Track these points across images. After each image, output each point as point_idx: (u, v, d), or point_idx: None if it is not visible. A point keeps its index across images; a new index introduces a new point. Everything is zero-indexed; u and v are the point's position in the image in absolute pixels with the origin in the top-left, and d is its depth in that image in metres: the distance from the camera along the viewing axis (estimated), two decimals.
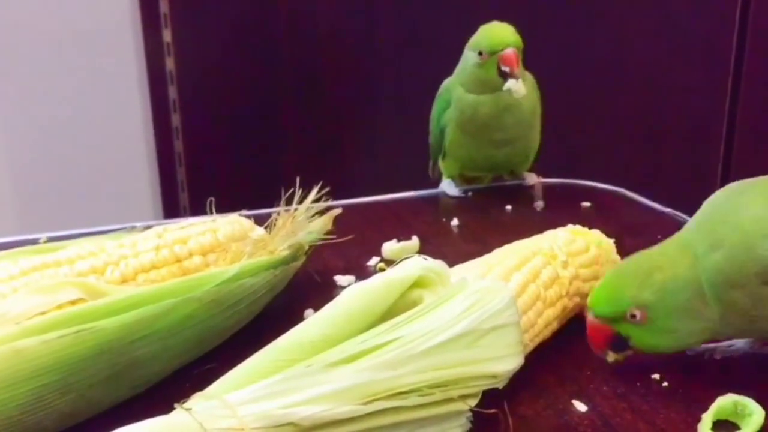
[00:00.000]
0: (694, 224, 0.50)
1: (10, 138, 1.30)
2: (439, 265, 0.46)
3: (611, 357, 0.50)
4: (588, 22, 1.31)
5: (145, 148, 1.35)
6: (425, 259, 0.46)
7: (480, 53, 0.81)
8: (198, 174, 1.34)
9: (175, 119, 1.32)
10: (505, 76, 0.80)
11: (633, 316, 0.47)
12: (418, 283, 0.45)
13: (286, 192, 0.61)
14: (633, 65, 1.30)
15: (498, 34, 0.80)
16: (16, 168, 1.32)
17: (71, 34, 1.28)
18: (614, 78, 1.32)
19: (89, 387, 0.44)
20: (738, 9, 1.16)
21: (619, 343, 0.49)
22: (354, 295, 0.44)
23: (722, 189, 0.51)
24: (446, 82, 0.87)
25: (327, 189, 0.64)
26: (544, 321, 0.51)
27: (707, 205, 0.50)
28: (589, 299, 0.50)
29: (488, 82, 0.81)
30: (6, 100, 1.29)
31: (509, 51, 0.79)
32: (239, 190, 0.64)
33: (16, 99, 1.30)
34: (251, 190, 0.67)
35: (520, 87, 0.80)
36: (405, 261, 0.46)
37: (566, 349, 0.54)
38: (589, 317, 0.50)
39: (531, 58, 0.85)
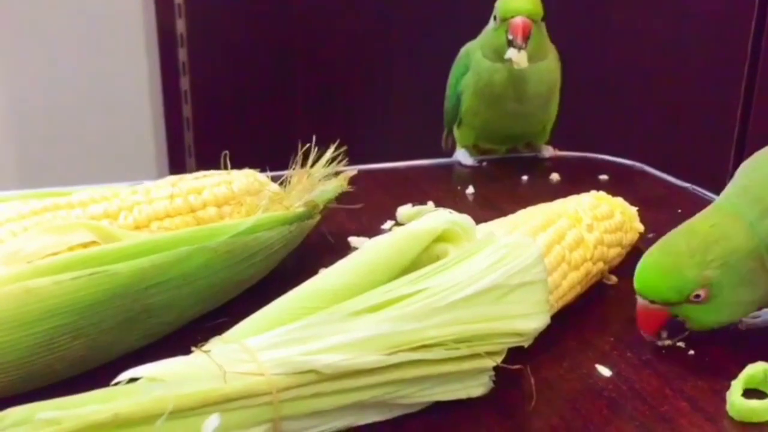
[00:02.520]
0: (736, 192, 0.48)
1: (16, 98, 1.29)
2: (465, 219, 0.44)
3: (667, 341, 0.48)
4: None
5: (152, 111, 1.33)
6: (450, 212, 0.45)
7: (495, 17, 0.79)
8: (206, 139, 1.32)
9: (184, 82, 1.30)
10: (510, 44, 0.77)
11: (697, 296, 0.45)
12: (442, 237, 0.44)
13: (297, 155, 0.60)
14: (651, 39, 1.29)
15: (512, 0, 0.78)
16: (22, 128, 1.30)
17: None
18: (632, 52, 1.30)
19: (101, 332, 0.43)
20: None
21: (674, 326, 0.47)
22: (379, 245, 0.42)
23: (757, 154, 0.49)
24: (467, 45, 0.85)
25: (344, 148, 0.62)
26: (568, 283, 0.50)
27: (745, 172, 0.49)
28: (638, 284, 0.47)
29: (499, 48, 0.79)
30: (13, 61, 1.27)
31: (518, 19, 0.76)
32: (248, 156, 0.63)
33: (23, 60, 1.28)
34: (260, 157, 0.65)
35: (521, 58, 0.77)
36: (430, 214, 0.45)
37: (589, 315, 0.53)
38: (643, 303, 0.47)
39: (551, 32, 0.83)
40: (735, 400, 0.42)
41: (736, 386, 0.43)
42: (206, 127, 1.33)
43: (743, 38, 1.18)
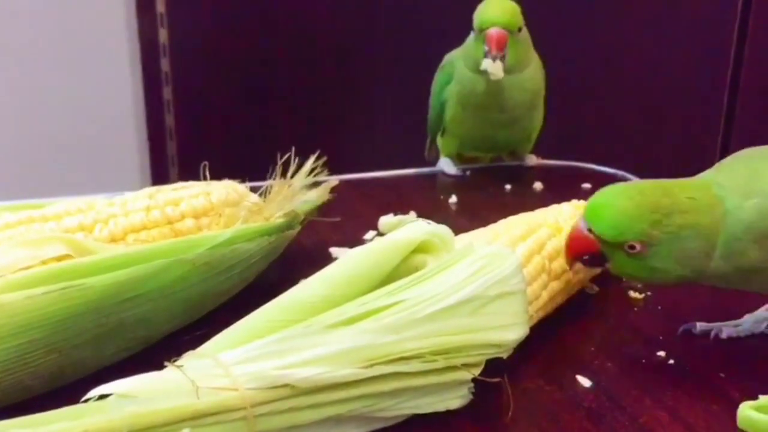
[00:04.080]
0: (721, 178, 0.47)
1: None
2: (443, 229, 0.44)
3: (579, 271, 0.49)
4: (591, 3, 1.29)
5: (135, 121, 1.32)
6: (429, 223, 0.44)
7: (473, 29, 0.79)
8: (189, 148, 1.31)
9: (167, 92, 1.29)
10: (486, 55, 0.77)
11: (632, 247, 0.45)
12: (420, 248, 0.44)
13: (277, 165, 0.59)
14: (635, 48, 1.29)
15: (487, 12, 0.77)
16: (4, 140, 1.29)
17: (64, 4, 1.25)
18: (616, 61, 1.30)
19: (74, 347, 0.42)
20: None
21: (595, 259, 0.47)
22: (355, 256, 0.42)
23: (743, 151, 0.49)
24: (450, 54, 0.84)
25: (324, 159, 0.62)
26: (548, 294, 0.50)
27: (731, 163, 0.48)
28: (588, 211, 0.46)
29: (478, 60, 0.78)
30: None
31: (492, 31, 0.76)
32: (232, 166, 0.63)
33: (7, 71, 1.26)
34: (244, 168, 0.65)
35: (497, 68, 0.76)
36: (408, 225, 0.44)
37: (570, 325, 0.53)
38: (580, 226, 0.46)
39: (537, 37, 0.83)
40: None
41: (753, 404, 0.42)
42: (189, 137, 1.32)
43: (726, 46, 1.18)
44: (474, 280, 0.41)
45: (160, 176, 1.33)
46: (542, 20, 0.81)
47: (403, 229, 0.44)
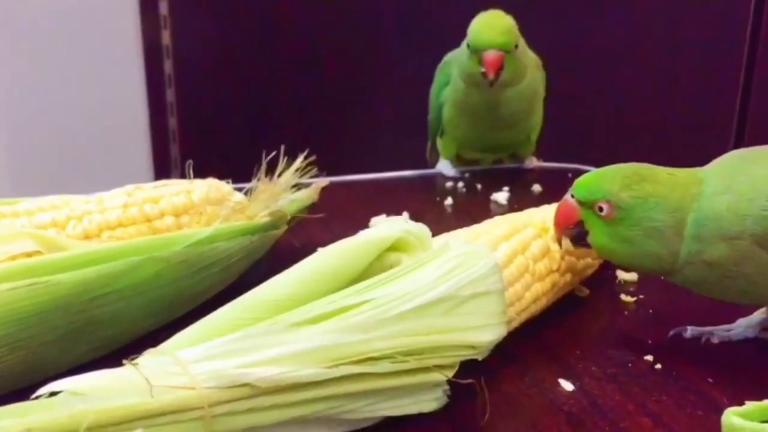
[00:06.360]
0: (711, 168, 0.47)
1: (3, 112, 1.28)
2: (419, 228, 0.43)
3: (565, 243, 0.49)
4: (598, 4, 1.28)
5: (138, 123, 1.31)
6: (406, 221, 0.43)
7: (468, 45, 0.77)
8: (192, 151, 1.31)
9: (170, 94, 1.29)
10: (484, 76, 0.76)
11: (600, 208, 0.45)
12: (396, 247, 0.43)
13: (267, 165, 0.58)
14: (642, 49, 1.27)
15: (484, 32, 0.75)
16: (8, 141, 1.29)
17: (68, 6, 1.25)
18: (621, 62, 1.28)
19: (43, 344, 0.42)
20: None
21: (580, 234, 0.48)
22: (327, 254, 0.41)
23: (741, 149, 0.48)
24: (450, 54, 0.83)
25: (313, 158, 0.61)
26: (532, 295, 0.48)
27: (726, 157, 0.48)
28: (576, 180, 0.48)
29: (472, 76, 0.77)
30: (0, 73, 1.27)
31: (489, 55, 0.74)
32: (234, 168, 0.62)
33: (10, 72, 1.27)
34: (247, 170, 0.65)
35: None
36: (384, 223, 0.43)
37: (556, 327, 0.51)
38: (567, 195, 0.48)
39: (539, 40, 0.82)
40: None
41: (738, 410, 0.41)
42: (193, 139, 1.32)
43: (738, 49, 1.16)
44: (447, 279, 0.40)
45: (163, 178, 1.32)
46: (544, 21, 0.79)
47: (378, 227, 0.43)
